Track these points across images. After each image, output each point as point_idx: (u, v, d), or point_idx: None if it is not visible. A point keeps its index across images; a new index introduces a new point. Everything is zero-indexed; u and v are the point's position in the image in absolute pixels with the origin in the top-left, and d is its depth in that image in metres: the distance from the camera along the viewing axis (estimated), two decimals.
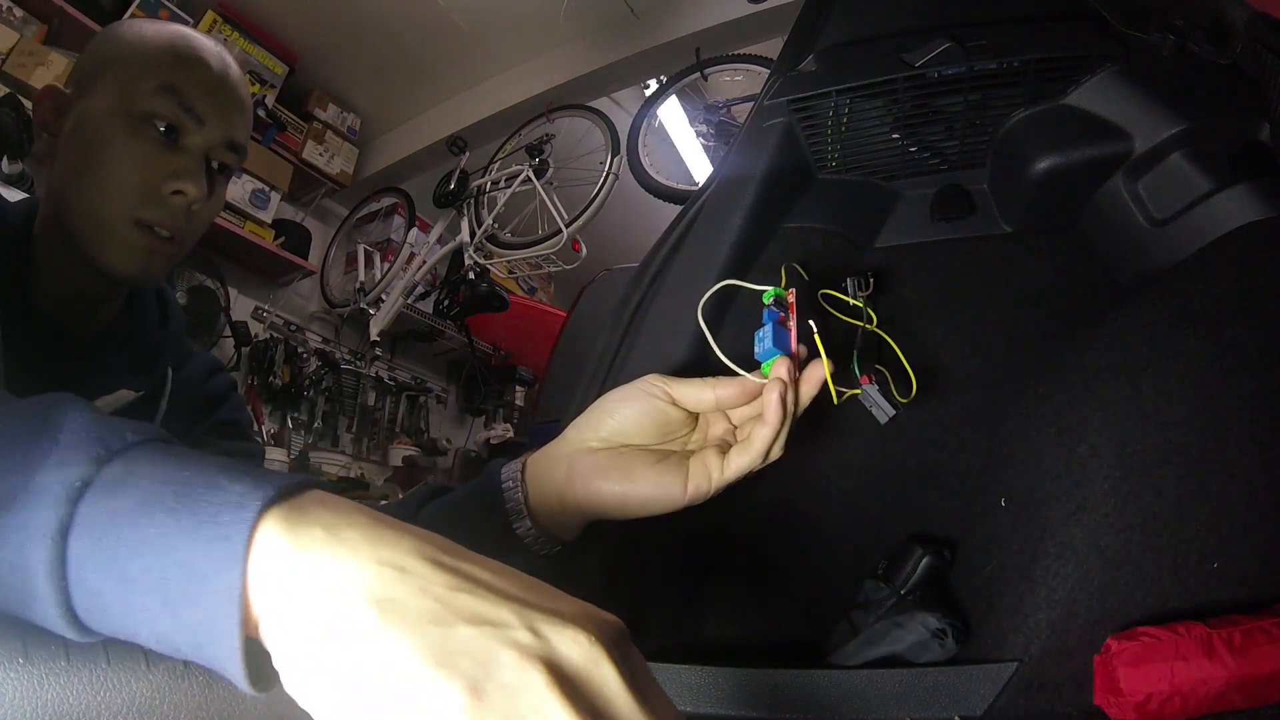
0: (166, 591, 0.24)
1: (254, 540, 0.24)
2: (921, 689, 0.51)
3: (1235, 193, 0.67)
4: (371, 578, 0.24)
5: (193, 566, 0.24)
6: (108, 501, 0.25)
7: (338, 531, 0.25)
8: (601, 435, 0.46)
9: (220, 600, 0.24)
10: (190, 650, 0.25)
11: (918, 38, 0.77)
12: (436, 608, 0.23)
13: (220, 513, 0.25)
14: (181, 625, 0.25)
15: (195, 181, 0.64)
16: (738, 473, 0.44)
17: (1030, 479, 0.62)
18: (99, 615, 0.25)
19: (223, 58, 0.67)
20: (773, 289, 0.47)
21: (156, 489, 0.26)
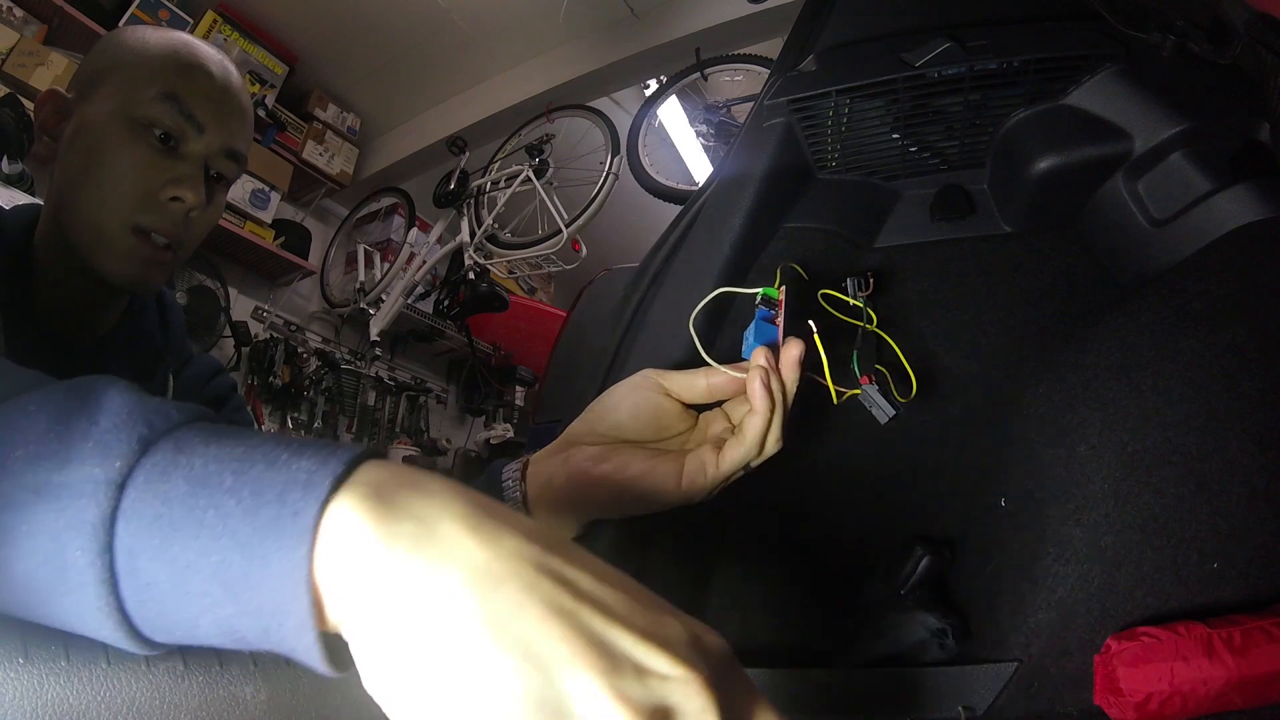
0: (228, 577, 0.23)
1: (325, 517, 0.23)
2: (921, 689, 0.51)
3: (1235, 193, 0.67)
4: (471, 594, 0.22)
5: (256, 547, 0.23)
6: (157, 485, 0.24)
7: (433, 526, 0.23)
8: (599, 432, 0.46)
9: (288, 583, 0.22)
10: (258, 638, 0.24)
11: (918, 38, 0.77)
12: (540, 639, 0.21)
13: (287, 490, 0.23)
14: (246, 611, 0.23)
15: (194, 188, 0.64)
16: (733, 465, 0.43)
17: (1030, 479, 0.62)
18: (153, 609, 0.24)
19: (224, 66, 0.68)
20: (764, 289, 0.48)
21: (211, 469, 0.24)
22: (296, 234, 3.14)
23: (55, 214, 0.65)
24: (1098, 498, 0.56)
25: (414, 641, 0.22)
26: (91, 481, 0.23)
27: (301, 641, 0.23)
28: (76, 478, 0.24)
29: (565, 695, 0.21)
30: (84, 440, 0.24)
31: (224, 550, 0.23)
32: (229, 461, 0.24)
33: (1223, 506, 0.55)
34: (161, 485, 0.24)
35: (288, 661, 0.30)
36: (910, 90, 0.78)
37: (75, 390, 0.27)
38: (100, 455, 0.24)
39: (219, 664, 0.28)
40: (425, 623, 0.21)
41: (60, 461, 0.24)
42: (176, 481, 0.24)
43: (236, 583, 0.23)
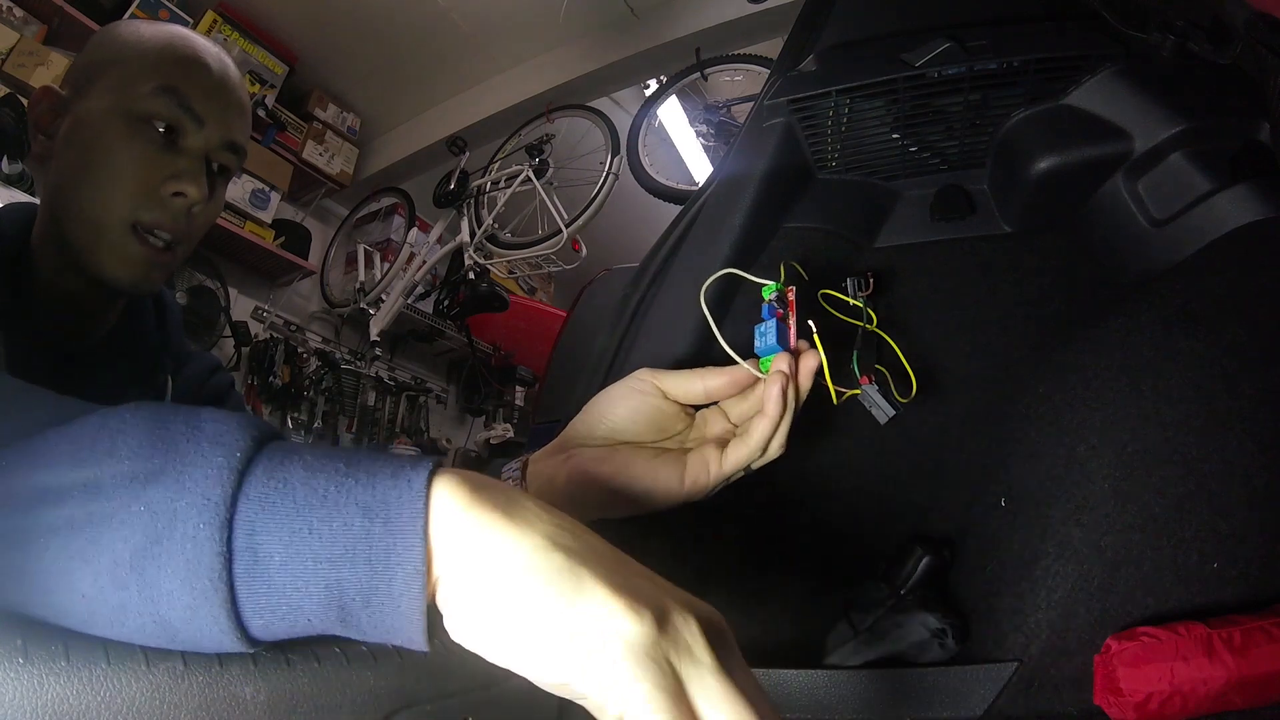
0: (349, 537, 0.26)
1: (433, 489, 0.27)
2: (921, 689, 0.51)
3: (1235, 193, 0.67)
4: (555, 530, 0.28)
5: (378, 510, 0.27)
6: (276, 471, 0.27)
7: (514, 505, 0.28)
8: (598, 434, 0.46)
9: (407, 535, 0.26)
10: (361, 601, 0.27)
11: (918, 38, 0.77)
12: (611, 557, 0.28)
13: (398, 470, 0.27)
14: (359, 570, 0.26)
15: (196, 183, 0.63)
16: (736, 465, 0.43)
17: (1030, 479, 0.62)
18: (261, 587, 0.26)
19: (221, 58, 0.67)
20: (773, 284, 0.47)
21: (323, 459, 0.28)
22: (296, 234, 3.14)
23: (52, 213, 0.63)
24: (1098, 498, 0.56)
25: (500, 583, 0.27)
26: (215, 467, 0.26)
27: (409, 592, 0.27)
28: (198, 465, 0.26)
29: (642, 591, 0.27)
30: (194, 443, 0.27)
31: (346, 515, 0.26)
32: (336, 456, 0.28)
33: (1223, 506, 0.55)
34: (280, 471, 0.27)
35: (288, 662, 0.30)
36: (910, 90, 0.78)
37: (154, 409, 0.29)
38: (219, 448, 0.27)
39: (219, 664, 0.28)
40: (511, 571, 0.27)
41: (171, 458, 0.26)
42: (294, 468, 0.27)
43: (357, 542, 0.26)
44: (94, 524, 0.25)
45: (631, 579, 0.28)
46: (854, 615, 0.61)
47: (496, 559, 0.27)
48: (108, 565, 0.25)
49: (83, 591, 0.26)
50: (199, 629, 0.26)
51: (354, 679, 0.33)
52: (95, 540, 0.25)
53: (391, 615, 0.27)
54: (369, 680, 0.33)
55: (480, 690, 0.39)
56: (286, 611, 0.27)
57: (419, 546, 0.27)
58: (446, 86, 3.28)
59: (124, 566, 0.25)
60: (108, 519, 0.25)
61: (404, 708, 0.34)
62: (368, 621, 0.28)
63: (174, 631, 0.26)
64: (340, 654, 0.33)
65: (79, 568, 0.25)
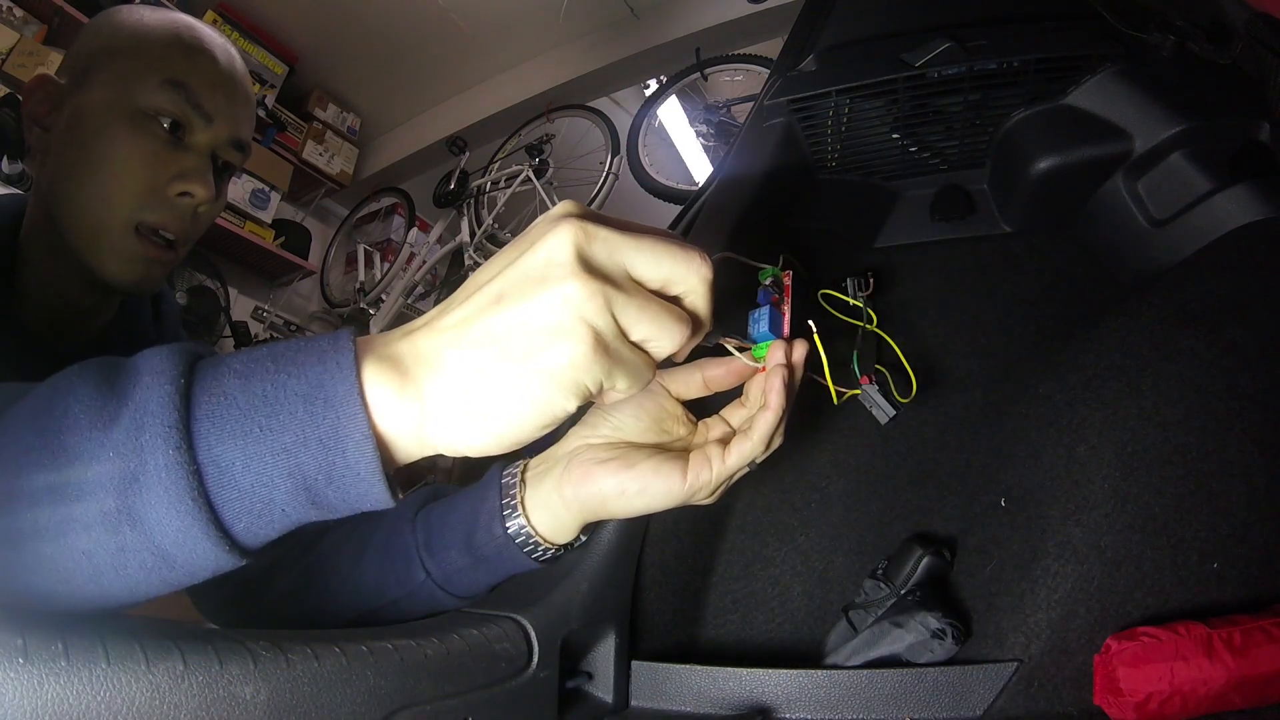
0: (295, 425, 0.29)
1: (360, 360, 0.30)
2: (921, 689, 0.51)
3: (1235, 193, 0.66)
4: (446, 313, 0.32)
5: (316, 390, 0.29)
6: (213, 388, 0.29)
7: (416, 327, 0.32)
8: (600, 433, 0.46)
9: (347, 407, 0.29)
10: (323, 472, 0.29)
11: (918, 38, 0.77)
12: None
13: (324, 355, 0.30)
14: (312, 442, 0.29)
15: (203, 182, 0.61)
16: (740, 461, 0.43)
17: (1030, 479, 0.62)
18: (232, 494, 0.28)
19: (228, 50, 0.64)
20: (771, 269, 0.47)
21: (250, 366, 0.30)
22: (296, 234, 3.14)
23: (47, 209, 0.61)
24: (1098, 498, 0.56)
25: (450, 360, 0.31)
26: (163, 396, 0.28)
27: (364, 457, 0.29)
28: (148, 400, 0.28)
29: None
30: (136, 382, 0.29)
31: (289, 407, 0.29)
32: (261, 356, 0.30)
33: (1223, 506, 0.55)
34: (218, 386, 0.29)
35: (288, 662, 0.31)
36: (910, 90, 0.78)
37: (97, 364, 0.30)
38: (160, 378, 0.28)
39: (219, 664, 0.28)
40: (450, 338, 0.31)
41: (122, 401, 0.28)
42: (230, 380, 0.29)
43: (304, 427, 0.29)
44: (73, 483, 0.27)
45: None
46: (854, 615, 0.61)
47: (431, 354, 0.31)
48: (98, 516, 0.27)
49: (82, 549, 0.27)
50: (193, 550, 0.28)
51: (354, 679, 0.33)
52: (80, 497, 0.27)
53: (354, 483, 0.30)
54: (369, 680, 0.33)
55: (480, 690, 0.39)
56: (262, 509, 0.29)
57: (361, 413, 0.29)
58: (446, 86, 3.28)
59: (112, 513, 0.27)
60: (83, 475, 0.27)
61: (404, 708, 0.35)
62: (336, 497, 0.30)
63: (172, 560, 0.28)
64: (340, 654, 0.33)
65: (72, 528, 0.27)
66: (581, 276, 0.29)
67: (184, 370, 0.29)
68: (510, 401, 0.30)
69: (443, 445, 0.31)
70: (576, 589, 0.49)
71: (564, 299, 0.29)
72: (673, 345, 0.33)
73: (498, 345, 0.30)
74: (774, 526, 0.73)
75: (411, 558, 0.49)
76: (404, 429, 0.31)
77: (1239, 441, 0.56)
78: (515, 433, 0.31)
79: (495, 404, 0.30)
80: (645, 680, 0.54)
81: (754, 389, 0.47)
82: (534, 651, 0.44)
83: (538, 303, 0.29)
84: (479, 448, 0.31)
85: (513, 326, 0.30)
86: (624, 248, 0.31)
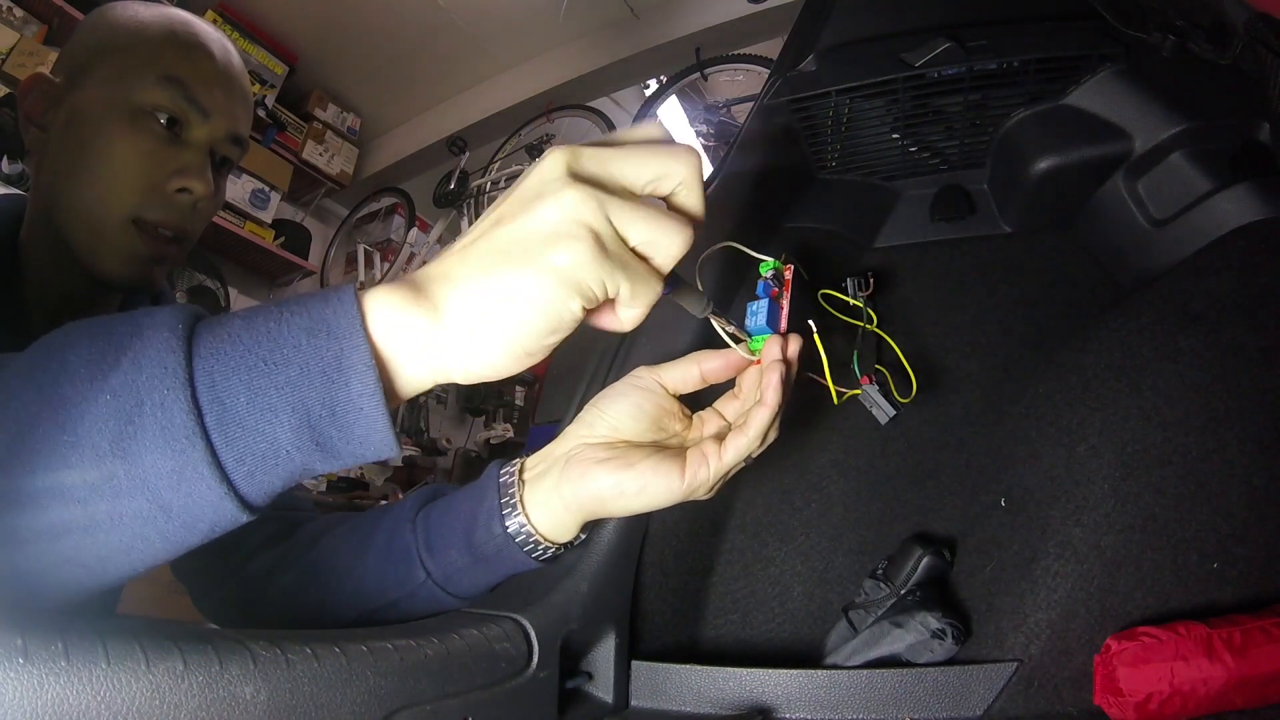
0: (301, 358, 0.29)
1: (363, 296, 0.31)
2: (921, 689, 0.51)
3: (1235, 193, 0.66)
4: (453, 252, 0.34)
5: (319, 321, 0.30)
6: (217, 329, 0.29)
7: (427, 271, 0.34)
8: (598, 433, 0.46)
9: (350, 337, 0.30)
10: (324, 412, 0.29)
11: (918, 38, 0.77)
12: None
13: (328, 293, 0.31)
14: (317, 381, 0.29)
15: (202, 178, 0.60)
16: (736, 456, 0.43)
17: (1030, 479, 0.62)
18: (235, 431, 0.28)
19: (224, 44, 0.64)
20: (771, 261, 0.47)
21: (254, 312, 0.30)
22: (296, 234, 3.14)
23: (46, 209, 0.60)
24: (1098, 498, 0.56)
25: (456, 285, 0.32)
26: (162, 340, 0.28)
27: (367, 390, 0.30)
28: (148, 345, 0.28)
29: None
30: (136, 332, 0.29)
31: (293, 339, 0.29)
32: (267, 306, 0.31)
33: (1223, 506, 0.55)
34: (221, 329, 0.30)
35: (288, 662, 0.30)
36: (910, 90, 0.78)
37: (91, 320, 0.31)
38: (161, 328, 0.29)
39: (219, 664, 0.28)
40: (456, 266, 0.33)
41: (122, 350, 0.28)
42: (233, 322, 0.30)
43: (308, 359, 0.29)
44: (69, 431, 0.27)
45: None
46: (854, 615, 0.61)
47: (439, 272, 0.32)
48: (92, 460, 0.27)
49: (77, 497, 0.27)
50: (190, 496, 0.28)
51: (354, 679, 0.33)
52: (75, 443, 0.27)
53: (357, 421, 0.30)
54: (369, 680, 0.33)
55: (480, 690, 0.39)
56: (265, 450, 0.29)
57: (363, 342, 0.30)
58: (446, 86, 3.27)
59: (107, 456, 0.27)
60: (79, 420, 0.27)
61: (404, 708, 0.35)
62: (340, 438, 0.30)
63: (169, 507, 0.28)
64: (340, 654, 0.33)
65: (68, 478, 0.27)
66: (574, 185, 0.31)
67: (187, 320, 0.30)
68: (517, 305, 0.31)
69: (452, 361, 0.32)
70: (576, 589, 0.49)
71: (559, 206, 0.31)
72: (672, 246, 0.33)
73: (502, 254, 0.31)
74: (774, 526, 0.73)
75: (412, 558, 0.49)
76: (412, 350, 0.31)
77: (1239, 441, 0.56)
78: (524, 340, 0.31)
79: (502, 309, 0.31)
80: (645, 680, 0.54)
81: (746, 381, 0.47)
82: (534, 651, 0.44)
83: (536, 213, 0.31)
84: (488, 361, 0.32)
85: (514, 238, 0.31)
86: (611, 157, 0.33)
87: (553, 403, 2.08)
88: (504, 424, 3.60)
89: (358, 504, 2.87)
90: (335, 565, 0.52)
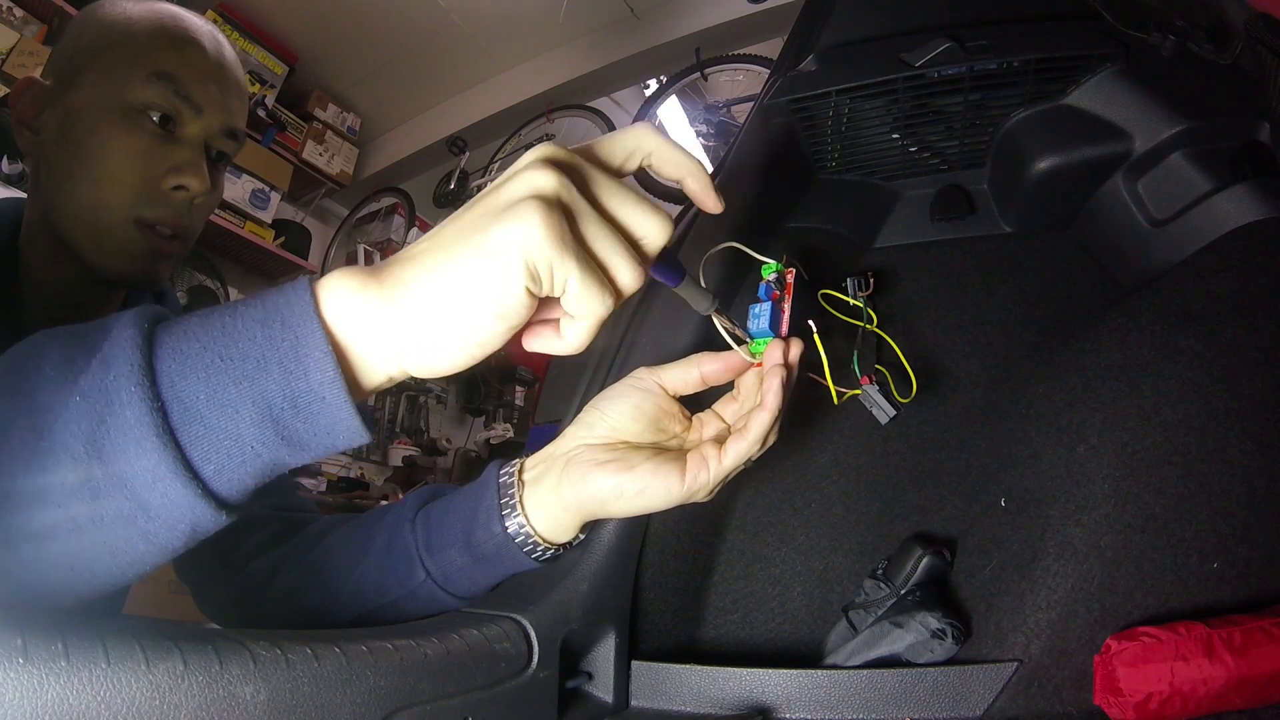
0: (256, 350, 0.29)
1: (317, 285, 0.31)
2: (921, 689, 0.51)
3: (1235, 193, 0.66)
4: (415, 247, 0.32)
5: (272, 313, 0.29)
6: (175, 329, 0.30)
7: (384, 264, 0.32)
8: (598, 434, 0.46)
9: (305, 324, 0.29)
10: (286, 404, 0.29)
11: (918, 38, 0.77)
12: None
13: (284, 286, 0.30)
14: (275, 372, 0.29)
15: (198, 174, 0.60)
16: (736, 460, 0.43)
17: (1030, 479, 0.62)
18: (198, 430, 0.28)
19: (216, 37, 0.63)
20: (774, 264, 0.47)
21: (212, 310, 0.30)
22: (296, 234, 3.14)
23: (45, 212, 0.60)
24: (1098, 498, 0.56)
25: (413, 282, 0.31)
26: (126, 339, 0.28)
27: (326, 377, 0.29)
28: (113, 346, 0.28)
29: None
30: (103, 333, 0.29)
31: (247, 333, 0.29)
32: (223, 306, 0.30)
33: (1223, 506, 0.55)
34: (179, 327, 0.30)
35: (288, 662, 0.30)
36: (910, 90, 0.78)
37: (64, 329, 0.31)
38: (125, 328, 0.29)
39: (219, 664, 0.28)
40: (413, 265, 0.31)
41: (91, 352, 0.29)
42: (190, 321, 0.30)
43: (264, 351, 0.29)
44: (46, 437, 0.27)
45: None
46: (854, 615, 0.61)
47: (400, 256, 0.31)
48: (69, 462, 0.27)
49: (58, 501, 0.27)
50: (166, 495, 0.28)
51: (354, 679, 0.33)
52: (52, 449, 0.27)
53: (321, 411, 0.30)
54: (369, 680, 0.33)
55: (480, 690, 0.39)
56: (230, 446, 0.29)
57: (317, 331, 0.29)
58: (446, 86, 3.28)
59: (82, 459, 0.27)
60: (54, 425, 0.27)
61: (404, 708, 0.35)
62: (305, 429, 0.30)
63: (147, 506, 0.28)
64: (340, 654, 0.33)
65: (49, 483, 0.27)
66: (543, 165, 0.31)
67: (151, 319, 0.30)
68: (460, 285, 0.30)
69: (406, 347, 0.31)
70: (576, 589, 0.49)
71: (521, 180, 0.31)
72: (651, 224, 0.34)
73: (456, 233, 0.31)
74: (774, 526, 0.73)
75: (412, 557, 0.49)
76: (369, 336, 0.30)
77: (1239, 441, 0.56)
78: (469, 324, 0.30)
79: (446, 289, 0.30)
80: (645, 680, 0.54)
81: (746, 384, 0.47)
82: (534, 651, 0.44)
83: (499, 191, 0.31)
84: (436, 347, 0.31)
85: (472, 216, 0.31)
86: (586, 148, 0.34)
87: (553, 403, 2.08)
88: (504, 424, 3.60)
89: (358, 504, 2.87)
90: (336, 565, 0.52)
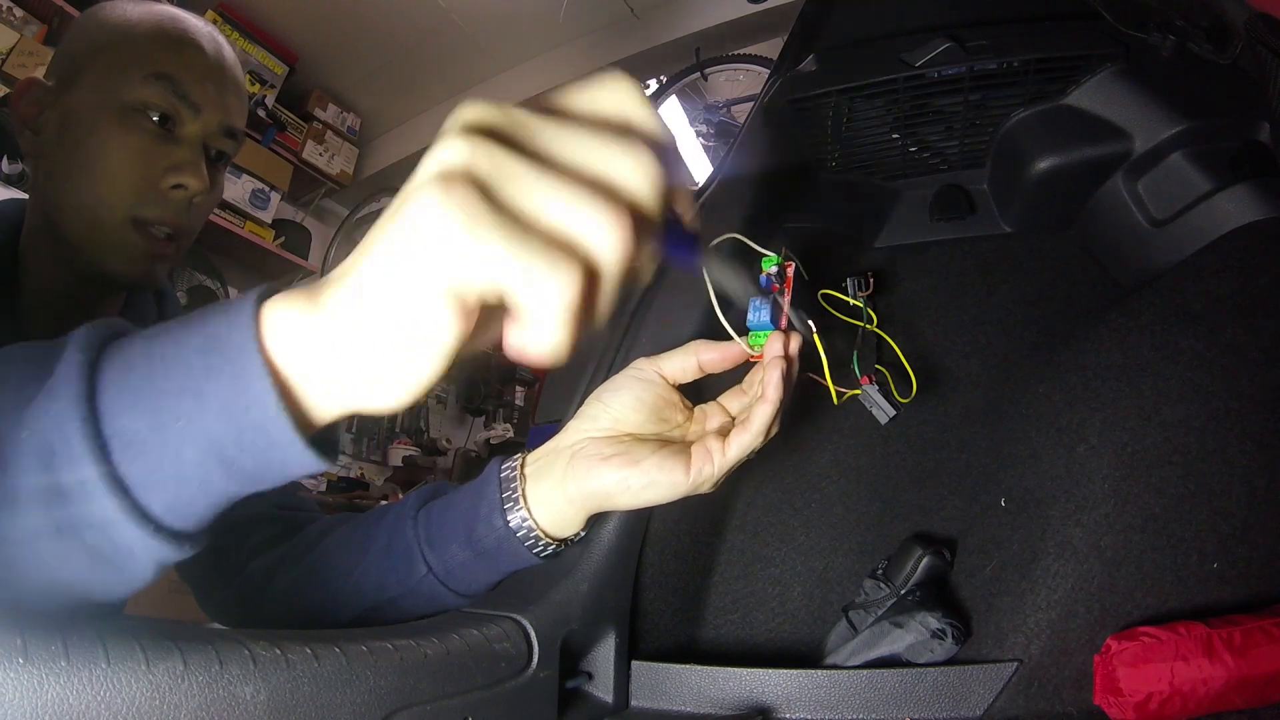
0: (195, 382, 0.27)
1: (261, 309, 0.27)
2: (921, 689, 0.51)
3: (1235, 193, 0.66)
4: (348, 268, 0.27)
5: (212, 340, 0.27)
6: (116, 358, 0.28)
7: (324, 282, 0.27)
8: (601, 426, 0.46)
9: (244, 355, 0.26)
10: (227, 429, 0.27)
11: (918, 38, 0.77)
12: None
13: (228, 306, 0.28)
14: (214, 401, 0.26)
15: (196, 174, 0.60)
16: (740, 452, 0.44)
17: (1030, 479, 0.62)
18: (141, 467, 0.27)
19: (215, 38, 0.64)
20: (774, 257, 0.48)
21: (159, 332, 0.29)
22: (296, 234, 3.14)
23: (45, 211, 0.61)
24: (1098, 498, 0.56)
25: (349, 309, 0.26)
26: (75, 367, 0.27)
27: (268, 408, 0.26)
28: (62, 374, 0.27)
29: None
30: (59, 355, 0.28)
31: (186, 363, 0.27)
32: (176, 322, 0.29)
33: (1223, 506, 0.55)
34: (123, 354, 0.28)
35: (288, 662, 0.30)
36: (910, 90, 0.78)
37: (24, 346, 0.31)
38: (77, 352, 0.28)
39: (219, 664, 0.28)
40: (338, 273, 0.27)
41: (42, 376, 0.28)
42: (135, 346, 0.28)
43: (202, 383, 0.27)
44: (7, 469, 0.27)
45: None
46: (854, 615, 0.61)
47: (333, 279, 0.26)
48: (30, 499, 0.26)
49: (22, 538, 0.27)
50: (120, 536, 0.27)
51: (354, 679, 0.33)
52: (13, 487, 0.26)
53: (269, 447, 0.27)
54: (369, 680, 0.33)
55: (480, 690, 0.39)
56: (174, 481, 0.27)
57: (258, 363, 0.26)
58: (446, 86, 3.27)
59: (41, 498, 0.26)
60: (10, 459, 0.27)
61: (404, 708, 0.35)
62: (254, 466, 0.28)
63: (104, 547, 0.27)
64: (340, 654, 0.33)
65: (13, 514, 0.27)
66: (457, 134, 0.24)
67: (100, 342, 0.28)
68: (378, 290, 0.25)
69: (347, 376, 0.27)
70: (576, 589, 0.49)
71: (428, 160, 0.25)
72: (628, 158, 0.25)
73: (370, 239, 0.26)
74: (774, 526, 0.73)
75: (413, 553, 0.49)
76: (314, 368, 0.27)
77: (1239, 441, 0.56)
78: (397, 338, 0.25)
79: (366, 298, 0.25)
80: (645, 680, 0.54)
81: (756, 377, 0.47)
82: (534, 651, 0.44)
83: (412, 179, 0.25)
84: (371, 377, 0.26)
85: (385, 217, 0.25)
86: (534, 102, 0.27)
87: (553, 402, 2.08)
88: (504, 424, 3.60)
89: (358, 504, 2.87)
90: (337, 564, 0.52)
